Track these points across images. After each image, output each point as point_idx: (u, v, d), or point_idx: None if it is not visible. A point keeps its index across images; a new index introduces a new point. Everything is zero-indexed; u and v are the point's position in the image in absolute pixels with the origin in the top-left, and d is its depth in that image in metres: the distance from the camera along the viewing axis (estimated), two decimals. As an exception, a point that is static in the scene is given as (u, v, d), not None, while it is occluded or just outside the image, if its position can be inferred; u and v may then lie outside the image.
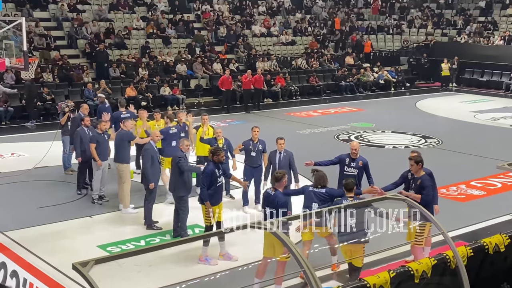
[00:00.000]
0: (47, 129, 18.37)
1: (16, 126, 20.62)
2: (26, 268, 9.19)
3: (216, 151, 9.73)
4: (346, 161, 10.22)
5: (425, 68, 33.11)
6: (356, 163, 10.17)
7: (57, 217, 11.59)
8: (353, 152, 10.25)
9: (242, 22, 32.10)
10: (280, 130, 16.58)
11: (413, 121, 22.11)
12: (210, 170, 9.51)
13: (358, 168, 10.15)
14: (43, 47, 24.92)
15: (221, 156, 9.65)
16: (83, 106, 14.07)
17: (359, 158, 10.24)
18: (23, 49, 14.14)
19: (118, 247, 10.12)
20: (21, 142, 17.93)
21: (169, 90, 24.37)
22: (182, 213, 10.37)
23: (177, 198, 10.41)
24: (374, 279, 5.73)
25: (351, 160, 10.20)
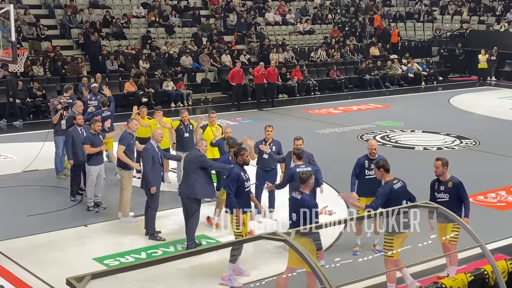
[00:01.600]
0: (38, 129, 18.46)
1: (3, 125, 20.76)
2: (14, 283, 9.23)
3: (240, 151, 9.61)
4: (366, 163, 10.18)
5: (460, 60, 32.96)
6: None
7: (49, 226, 11.60)
8: (372, 152, 10.21)
9: (254, 9, 32.13)
10: (297, 129, 16.55)
11: (446, 120, 22.00)
12: (236, 173, 9.39)
13: None
14: (33, 38, 25.08)
15: (246, 156, 9.57)
16: (76, 103, 14.14)
17: (379, 157, 10.16)
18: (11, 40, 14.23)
19: (116, 260, 10.12)
20: (9, 143, 18.02)
21: (172, 85, 24.43)
22: (193, 220, 10.34)
23: (193, 202, 10.32)
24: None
25: (370, 162, 10.13)
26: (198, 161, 10.27)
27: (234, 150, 9.78)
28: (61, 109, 14.44)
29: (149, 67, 25.27)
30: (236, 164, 9.52)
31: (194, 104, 24.40)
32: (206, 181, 10.41)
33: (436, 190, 9.38)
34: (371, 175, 10.00)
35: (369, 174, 10.09)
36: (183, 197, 10.49)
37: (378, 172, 9.13)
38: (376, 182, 9.73)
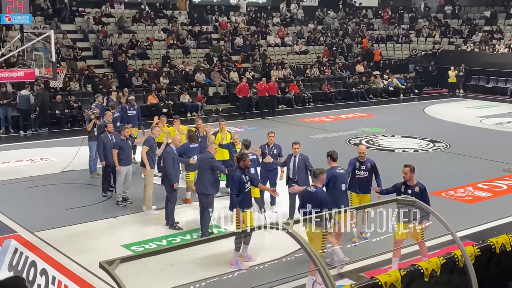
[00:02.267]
0: (74, 135, 18.52)
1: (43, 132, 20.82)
2: (55, 266, 9.26)
3: (242, 157, 9.61)
4: (357, 165, 10.29)
5: (432, 75, 32.91)
6: (365, 165, 10.25)
7: (84, 218, 11.66)
8: (361, 156, 10.32)
9: (258, 33, 32.15)
10: (294, 135, 16.57)
11: (421, 126, 21.98)
12: (238, 176, 9.38)
13: (367, 170, 10.23)
14: (70, 58, 25.15)
15: (247, 161, 9.55)
16: (106, 114, 14.18)
17: (367, 160, 10.33)
18: (52, 60, 14.31)
19: (141, 247, 10.15)
20: (50, 147, 18.09)
21: (188, 98, 24.46)
22: (207, 213, 10.36)
23: (205, 197, 10.38)
24: (385, 278, 5.70)
25: (361, 163, 10.27)
26: (208, 162, 10.36)
27: (237, 155, 9.83)
28: (94, 118, 14.49)
29: (168, 83, 25.29)
30: (238, 168, 9.51)
31: (207, 114, 24.42)
32: (215, 179, 10.52)
33: (403, 192, 9.28)
34: (361, 175, 10.17)
35: (359, 174, 10.20)
36: (198, 192, 10.56)
37: (328, 159, 9.74)
38: (364, 181, 10.10)
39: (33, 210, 12.14)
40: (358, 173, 10.22)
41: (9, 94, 20.76)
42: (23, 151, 17.50)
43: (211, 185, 10.39)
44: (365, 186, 10.16)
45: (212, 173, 10.39)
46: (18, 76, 14.69)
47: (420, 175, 14.79)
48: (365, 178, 10.16)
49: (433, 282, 6.04)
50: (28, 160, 16.38)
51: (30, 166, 15.82)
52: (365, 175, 10.20)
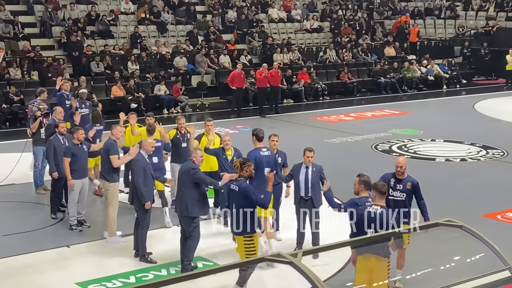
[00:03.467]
0: (15, 138, 18.49)
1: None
2: (-12, 311, 9.24)
3: (245, 162, 9.60)
4: (392, 182, 9.89)
5: (485, 61, 32.98)
6: (403, 185, 9.84)
7: (27, 247, 11.59)
8: (398, 171, 9.92)
9: (256, 4, 32.23)
10: (304, 138, 16.60)
11: (471, 128, 22.00)
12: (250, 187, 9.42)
13: (405, 192, 9.83)
14: (10, 37, 25.14)
15: (252, 167, 9.58)
16: (56, 110, 14.12)
17: (407, 178, 9.94)
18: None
19: (102, 285, 10.11)
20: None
21: (165, 89, 24.46)
22: (192, 240, 10.34)
23: (188, 220, 10.35)
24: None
25: (397, 182, 9.89)
26: (189, 174, 10.28)
27: (240, 161, 9.74)
28: (41, 116, 14.44)
29: (139, 69, 25.29)
30: (242, 177, 9.49)
31: (189, 111, 24.41)
32: (198, 198, 10.39)
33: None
34: (395, 196, 9.77)
35: (393, 194, 9.77)
36: (179, 214, 10.52)
37: (253, 139, 10.58)
38: (399, 205, 9.56)
39: (-41, 236, 12.11)
40: (392, 193, 9.78)
41: None
42: None
43: (196, 204, 10.33)
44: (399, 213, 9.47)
45: (195, 188, 10.33)
46: None
47: (469, 191, 14.89)
48: (401, 202, 9.70)
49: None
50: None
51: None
52: (402, 197, 9.80)
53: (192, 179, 10.29)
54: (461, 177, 16.32)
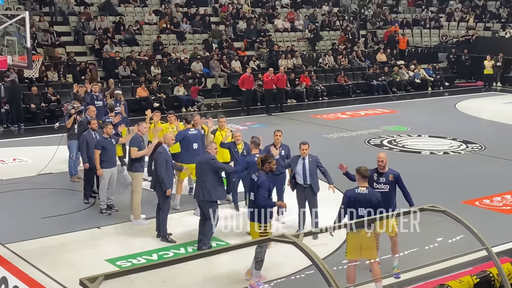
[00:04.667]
0: (52, 133, 18.52)
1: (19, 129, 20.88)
2: (28, 283, 9.26)
3: (267, 158, 9.47)
4: (374, 176, 9.58)
5: (466, 65, 32.85)
6: (386, 177, 9.56)
7: (62, 229, 11.65)
8: (380, 165, 9.60)
9: (264, 16, 32.17)
10: (305, 134, 16.56)
11: (452, 125, 21.93)
12: (265, 180, 9.27)
13: (389, 183, 9.55)
14: (48, 44, 25.21)
15: (273, 164, 9.44)
16: (89, 108, 14.18)
17: (389, 171, 9.63)
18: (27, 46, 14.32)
19: (128, 262, 10.15)
20: (24, 147, 18.12)
21: (184, 90, 24.48)
22: (209, 223, 10.37)
23: (208, 204, 10.36)
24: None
25: (380, 175, 9.59)
26: (209, 164, 10.33)
27: (262, 157, 9.65)
28: (75, 113, 14.50)
29: (160, 73, 25.32)
30: (263, 172, 9.41)
31: (205, 109, 24.41)
32: (218, 184, 10.46)
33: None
34: (379, 188, 9.47)
35: (377, 187, 9.49)
36: (198, 200, 10.54)
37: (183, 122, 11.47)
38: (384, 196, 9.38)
39: (4, 219, 12.13)
40: (376, 186, 9.53)
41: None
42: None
43: (216, 189, 10.35)
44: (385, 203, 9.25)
45: (214, 176, 10.35)
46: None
47: (451, 180, 14.87)
48: (385, 193, 9.40)
49: (465, 305, 6.03)
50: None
51: (1, 168, 15.83)
52: (386, 189, 9.51)
53: (212, 168, 10.33)
54: (443, 168, 16.29)
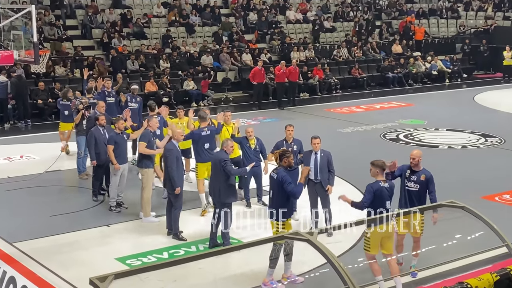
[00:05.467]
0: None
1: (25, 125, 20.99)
2: (37, 283, 9.28)
3: (285, 153, 9.42)
4: (407, 173, 9.56)
5: (484, 57, 32.66)
6: (417, 176, 9.44)
7: (71, 227, 11.68)
8: (412, 163, 9.51)
9: (275, 7, 32.12)
10: (318, 128, 16.56)
11: (471, 118, 21.81)
12: (287, 175, 9.27)
13: (419, 183, 9.42)
14: (55, 38, 25.30)
15: (291, 158, 9.42)
16: (99, 104, 14.21)
17: (422, 171, 9.49)
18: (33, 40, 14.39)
19: (138, 260, 10.16)
20: (31, 143, 18.19)
21: (193, 85, 24.50)
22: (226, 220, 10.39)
23: (221, 205, 10.41)
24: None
25: (412, 173, 9.50)
26: (221, 165, 10.36)
27: (279, 152, 9.63)
28: (83, 109, 14.55)
29: (170, 67, 25.36)
30: (281, 168, 9.39)
31: (215, 104, 24.44)
32: (229, 186, 10.45)
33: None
34: (410, 186, 9.45)
35: (407, 185, 9.49)
36: (214, 199, 10.62)
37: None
38: (415, 195, 9.40)
39: (12, 217, 12.19)
40: (407, 183, 9.50)
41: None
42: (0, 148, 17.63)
43: (226, 192, 10.35)
44: (414, 203, 9.33)
45: (226, 177, 10.36)
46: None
47: (469, 175, 14.81)
48: (415, 192, 9.40)
49: (485, 303, 6.02)
50: (6, 159, 16.48)
51: (8, 165, 15.89)
52: (416, 188, 9.43)
53: (224, 169, 10.34)
54: (462, 163, 16.24)
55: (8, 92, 20.98)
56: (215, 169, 10.55)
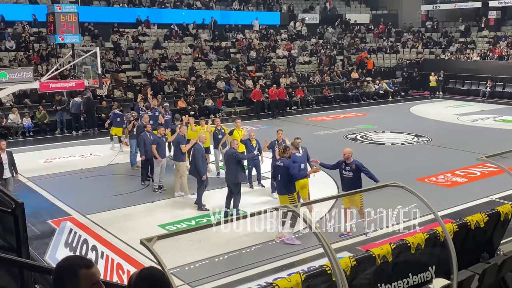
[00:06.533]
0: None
1: (93, 132, 20.97)
2: (103, 243, 9.36)
3: (286, 148, 9.73)
4: (343, 165, 9.64)
5: (416, 80, 32.62)
6: (350, 166, 9.55)
7: (126, 203, 11.75)
8: (344, 157, 9.62)
9: (268, 47, 32.07)
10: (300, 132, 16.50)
11: (407, 123, 21.82)
12: (290, 162, 9.49)
13: (352, 171, 9.52)
14: (113, 70, 25.27)
15: (290, 151, 9.69)
16: (144, 116, 14.24)
17: (353, 162, 9.57)
18: (98, 72, 14.40)
19: (174, 226, 10.22)
20: (97, 145, 18.22)
21: (211, 102, 24.49)
22: (237, 197, 10.43)
23: (234, 185, 10.42)
24: (378, 250, 5.70)
25: (346, 164, 9.60)
26: (233, 156, 10.38)
27: (283, 147, 9.79)
28: (133, 120, 14.57)
29: (194, 90, 25.31)
30: (284, 157, 9.52)
31: (227, 115, 24.43)
32: (241, 170, 10.53)
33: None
34: (346, 175, 9.57)
35: (344, 174, 9.59)
36: (228, 182, 10.62)
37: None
38: (349, 180, 9.50)
39: (84, 197, 12.26)
40: (344, 173, 9.60)
41: (63, 101, 20.94)
42: (76, 148, 17.68)
43: (239, 174, 10.46)
44: (349, 186, 9.43)
45: (238, 165, 10.43)
46: (70, 86, 14.86)
47: (406, 164, 14.83)
48: (350, 178, 9.49)
49: (418, 254, 6.03)
50: (80, 156, 16.53)
51: (81, 160, 15.96)
52: (350, 175, 9.52)
53: (236, 159, 10.38)
54: (401, 155, 16.25)
55: (81, 109, 20.99)
56: (228, 160, 10.59)
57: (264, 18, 34.70)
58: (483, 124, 21.47)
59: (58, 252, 9.08)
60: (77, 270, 2.55)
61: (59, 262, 2.61)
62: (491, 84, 29.25)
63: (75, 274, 2.54)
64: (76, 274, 2.54)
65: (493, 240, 7.02)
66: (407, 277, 5.93)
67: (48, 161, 15.74)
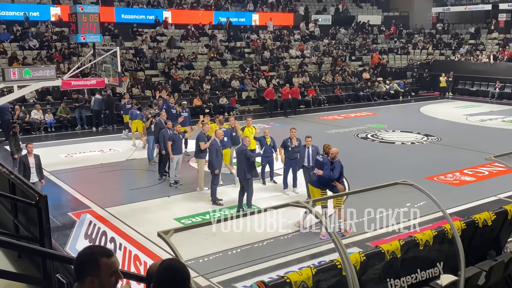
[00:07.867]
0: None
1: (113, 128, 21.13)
2: (121, 235, 9.41)
3: (328, 148, 9.86)
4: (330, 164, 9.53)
5: (426, 80, 32.33)
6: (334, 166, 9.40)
7: (144, 197, 11.80)
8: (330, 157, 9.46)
9: (282, 47, 32.01)
10: (312, 130, 16.48)
11: (417, 123, 21.64)
12: (329, 163, 9.59)
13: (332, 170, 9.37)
14: (132, 69, 25.41)
15: (335, 154, 9.67)
16: (162, 113, 14.29)
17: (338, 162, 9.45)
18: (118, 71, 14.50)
19: (189, 220, 10.25)
20: (117, 141, 18.34)
21: (226, 100, 24.52)
22: (249, 193, 10.46)
23: (245, 181, 10.46)
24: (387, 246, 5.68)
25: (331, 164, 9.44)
26: (243, 153, 10.40)
27: (327, 146, 9.92)
28: (151, 117, 14.64)
29: (210, 88, 25.36)
30: (326, 155, 9.67)
31: (241, 113, 24.44)
32: (252, 166, 10.52)
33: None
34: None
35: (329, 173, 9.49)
36: (239, 178, 10.64)
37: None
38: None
39: (104, 190, 12.36)
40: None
41: (81, 99, 21.08)
42: (96, 144, 17.81)
43: (249, 171, 10.46)
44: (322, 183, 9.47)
45: (249, 161, 10.44)
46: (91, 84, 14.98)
47: (415, 162, 14.73)
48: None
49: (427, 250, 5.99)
50: (99, 151, 16.64)
51: (101, 155, 16.06)
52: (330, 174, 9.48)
53: (245, 156, 10.39)
54: (411, 153, 16.14)
55: (102, 106, 21.16)
56: (239, 156, 10.60)
57: (278, 19, 34.65)
58: (492, 125, 21.22)
59: (78, 243, 9.17)
60: (98, 259, 2.59)
61: (81, 251, 2.65)
62: (500, 86, 28.90)
63: (96, 262, 2.58)
64: (97, 262, 2.58)
65: (500, 238, 6.96)
66: (415, 273, 5.91)
67: (69, 156, 15.88)
